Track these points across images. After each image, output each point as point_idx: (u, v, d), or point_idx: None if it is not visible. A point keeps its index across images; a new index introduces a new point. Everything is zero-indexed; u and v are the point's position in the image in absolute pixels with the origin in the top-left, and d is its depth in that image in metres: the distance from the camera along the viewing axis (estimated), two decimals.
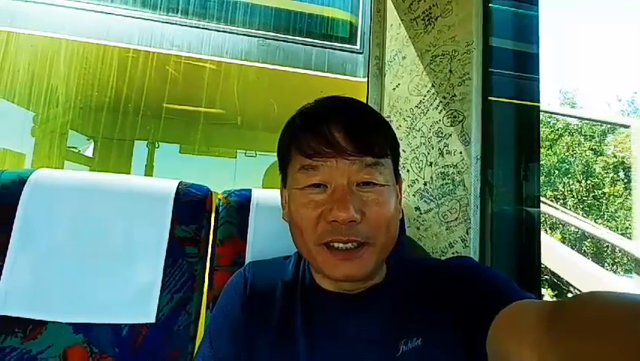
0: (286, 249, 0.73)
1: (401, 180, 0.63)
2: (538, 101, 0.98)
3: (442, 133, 0.98)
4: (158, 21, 2.66)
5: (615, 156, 10.28)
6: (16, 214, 0.76)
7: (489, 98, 0.93)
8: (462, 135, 0.93)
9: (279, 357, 0.56)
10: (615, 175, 10.05)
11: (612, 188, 9.85)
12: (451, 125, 0.95)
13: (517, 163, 0.96)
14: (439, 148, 0.98)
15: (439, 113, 0.99)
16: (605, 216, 9.60)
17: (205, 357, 0.60)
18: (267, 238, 0.84)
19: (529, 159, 0.96)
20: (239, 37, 2.75)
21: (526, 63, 1.00)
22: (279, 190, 0.92)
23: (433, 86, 1.01)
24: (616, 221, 9.41)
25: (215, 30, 2.73)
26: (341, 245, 0.53)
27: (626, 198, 9.22)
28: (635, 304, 0.30)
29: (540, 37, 1.01)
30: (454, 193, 0.94)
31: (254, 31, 2.79)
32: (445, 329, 0.53)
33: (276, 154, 0.65)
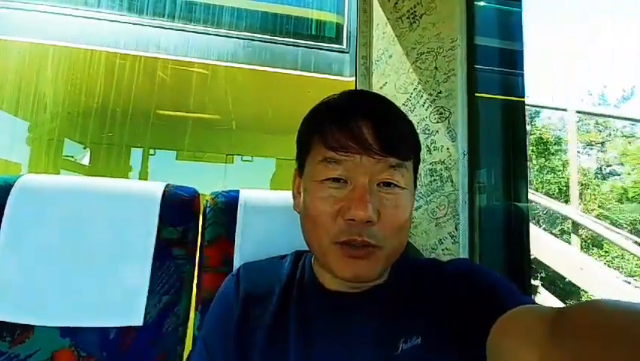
0: (275, 249, 0.73)
1: (416, 182, 0.62)
2: (524, 96, 0.99)
3: (429, 130, 0.98)
4: (146, 25, 2.66)
5: (534, 133, 11.54)
6: (3, 219, 0.76)
7: (475, 94, 0.94)
8: (449, 131, 0.93)
9: (272, 358, 0.55)
10: (535, 148, 11.33)
11: (537, 160, 11.18)
12: (438, 122, 0.96)
13: (504, 158, 0.97)
14: (427, 145, 0.98)
15: (426, 110, 0.99)
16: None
17: (197, 356, 0.59)
18: (255, 238, 0.84)
19: (516, 153, 0.97)
20: (224, 39, 2.76)
21: (511, 59, 1.01)
22: (267, 191, 0.92)
23: (419, 83, 1.02)
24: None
25: (200, 32, 2.73)
26: (354, 244, 0.52)
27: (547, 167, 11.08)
28: (638, 313, 0.30)
29: (524, 34, 1.02)
30: (443, 190, 0.94)
31: (241, 33, 2.79)
32: (444, 329, 0.53)
33: (273, 158, 0.64)
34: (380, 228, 0.52)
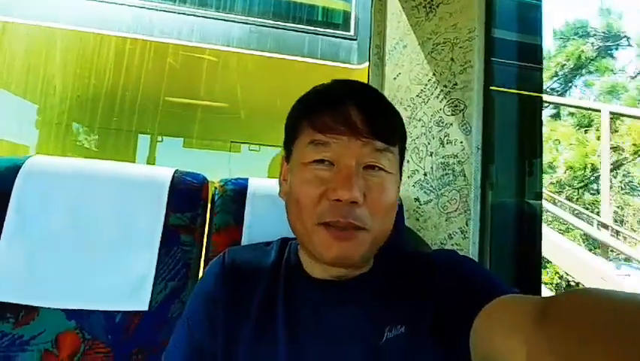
0: None
1: (402, 171, 0.63)
2: (541, 92, 0.97)
3: (442, 122, 0.96)
4: (153, 9, 2.65)
5: None
6: (10, 201, 0.75)
7: (491, 87, 0.92)
8: (463, 125, 0.92)
9: (260, 348, 0.54)
10: None
11: None
12: (452, 115, 0.94)
13: (518, 153, 0.95)
14: (440, 138, 0.96)
15: (440, 102, 0.97)
16: None
17: (180, 338, 0.59)
18: (263, 227, 0.83)
19: (530, 149, 0.95)
20: (231, 24, 2.74)
21: (529, 52, 0.99)
22: (276, 180, 0.91)
23: (434, 74, 1.00)
24: None
25: (208, 17, 2.72)
26: (339, 224, 0.52)
27: None
28: (626, 302, 0.30)
29: (543, 27, 1.00)
30: (455, 184, 0.92)
31: (248, 18, 2.78)
32: (428, 318, 0.53)
33: (279, 147, 0.64)
34: (365, 210, 0.53)
